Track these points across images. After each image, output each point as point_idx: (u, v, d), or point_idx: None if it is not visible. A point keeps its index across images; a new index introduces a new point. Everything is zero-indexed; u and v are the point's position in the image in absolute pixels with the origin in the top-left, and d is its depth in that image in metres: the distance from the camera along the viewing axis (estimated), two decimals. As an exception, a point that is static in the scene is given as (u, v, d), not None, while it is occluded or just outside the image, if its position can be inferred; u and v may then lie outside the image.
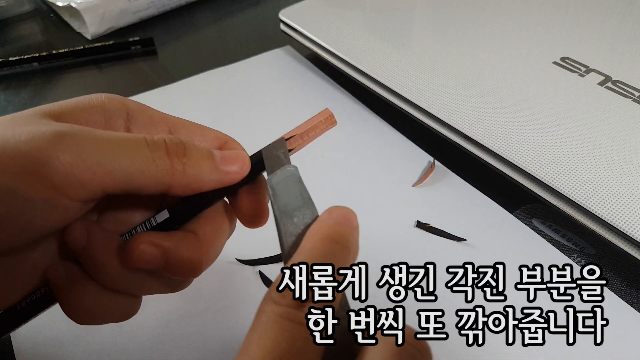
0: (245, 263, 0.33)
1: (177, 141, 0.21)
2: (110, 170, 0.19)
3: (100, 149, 0.19)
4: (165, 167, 0.20)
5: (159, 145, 0.20)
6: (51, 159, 0.18)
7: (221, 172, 0.22)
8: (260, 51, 0.54)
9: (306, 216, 0.20)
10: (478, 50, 0.44)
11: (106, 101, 0.23)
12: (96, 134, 0.19)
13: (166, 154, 0.20)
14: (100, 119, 0.22)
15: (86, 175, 0.18)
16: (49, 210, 0.18)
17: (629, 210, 0.30)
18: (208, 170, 0.21)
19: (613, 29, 0.46)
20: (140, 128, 0.23)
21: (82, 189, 0.18)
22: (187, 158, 0.21)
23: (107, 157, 0.19)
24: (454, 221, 0.36)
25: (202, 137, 0.24)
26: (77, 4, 0.57)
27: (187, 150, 0.21)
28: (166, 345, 0.29)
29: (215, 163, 0.22)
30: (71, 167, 0.18)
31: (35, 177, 0.18)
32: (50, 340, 0.29)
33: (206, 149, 0.22)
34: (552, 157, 0.34)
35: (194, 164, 0.21)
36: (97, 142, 0.19)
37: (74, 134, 0.19)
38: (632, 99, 0.38)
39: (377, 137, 0.43)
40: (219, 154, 0.22)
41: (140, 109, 0.23)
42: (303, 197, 0.21)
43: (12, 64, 0.54)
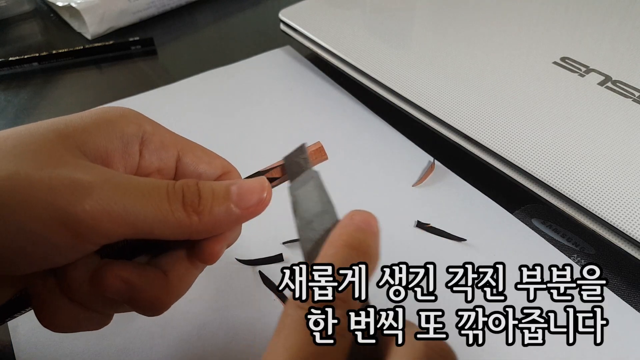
0: (245, 263, 0.33)
1: (192, 189, 0.21)
2: (134, 223, 0.19)
3: (125, 201, 0.19)
4: (182, 220, 0.20)
5: (177, 197, 0.20)
6: (78, 213, 0.18)
7: (240, 211, 0.21)
8: (260, 51, 0.54)
9: (325, 221, 0.20)
10: (478, 50, 0.44)
11: (124, 124, 0.23)
12: (121, 184, 0.20)
13: (182, 206, 0.20)
14: (119, 146, 0.22)
15: (110, 227, 0.19)
16: (68, 251, 0.19)
17: (629, 210, 0.30)
18: (225, 214, 0.21)
19: (613, 29, 0.46)
20: (152, 152, 0.24)
21: (104, 237, 0.19)
22: (202, 206, 0.21)
23: (130, 210, 0.19)
24: (454, 221, 0.36)
25: (207, 164, 0.25)
26: (77, 4, 0.57)
27: (202, 198, 0.21)
28: (166, 345, 0.29)
29: (230, 205, 0.21)
30: (97, 220, 0.19)
31: (62, 227, 0.18)
32: (50, 340, 0.29)
33: (222, 189, 0.21)
34: (552, 157, 0.34)
35: (210, 211, 0.21)
36: (122, 194, 0.19)
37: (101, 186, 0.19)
38: (632, 99, 0.38)
39: (377, 137, 0.43)
40: (236, 191, 0.21)
41: (153, 132, 0.24)
42: (323, 202, 0.21)
43: (12, 64, 0.54)
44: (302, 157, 0.23)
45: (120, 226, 0.19)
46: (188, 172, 0.25)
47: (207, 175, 0.25)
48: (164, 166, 0.24)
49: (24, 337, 0.29)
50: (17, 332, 0.29)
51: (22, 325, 0.30)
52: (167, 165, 0.24)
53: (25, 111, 0.49)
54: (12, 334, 0.29)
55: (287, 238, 0.35)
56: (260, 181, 0.22)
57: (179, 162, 0.24)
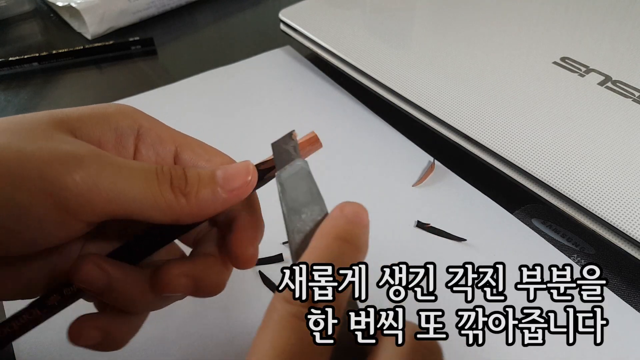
0: (245, 263, 0.33)
1: (179, 173, 0.21)
2: (123, 201, 0.19)
3: (115, 177, 0.19)
4: (170, 201, 0.20)
5: (166, 178, 0.20)
6: (68, 184, 0.18)
7: (226, 194, 0.21)
8: (260, 51, 0.54)
9: (314, 212, 0.20)
10: (478, 50, 0.44)
11: (119, 118, 0.23)
12: (112, 162, 0.20)
13: (170, 188, 0.20)
14: (112, 137, 0.22)
15: (99, 202, 0.19)
16: (57, 228, 0.19)
17: (629, 210, 0.30)
18: (211, 197, 0.21)
19: (613, 29, 0.46)
20: (149, 146, 0.24)
21: (93, 214, 0.19)
22: (189, 188, 0.21)
23: (120, 187, 0.19)
24: (454, 221, 0.36)
25: (206, 161, 0.25)
26: (77, 4, 0.57)
27: (188, 181, 0.21)
28: (166, 345, 0.29)
29: (216, 188, 0.21)
30: (86, 193, 0.18)
31: (50, 200, 0.18)
32: (50, 340, 0.29)
33: (208, 173, 0.22)
34: (552, 157, 0.34)
35: (196, 193, 0.21)
36: (113, 171, 0.19)
37: (92, 160, 0.19)
38: (632, 99, 0.38)
39: (377, 137, 0.43)
40: (222, 174, 0.22)
41: (150, 127, 0.24)
42: (312, 192, 0.21)
43: (12, 64, 0.54)
44: (291, 144, 0.23)
45: (109, 203, 0.19)
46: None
47: None
48: (160, 160, 0.24)
49: (24, 337, 0.29)
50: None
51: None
52: (165, 160, 0.24)
53: (25, 111, 0.49)
54: (12, 334, 0.29)
55: (287, 238, 0.34)
56: (245, 164, 0.22)
57: (177, 158, 0.24)
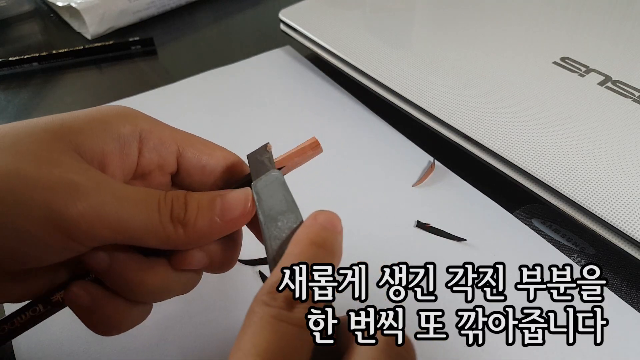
0: (245, 263, 0.33)
1: (180, 201, 0.21)
2: (125, 229, 0.20)
3: (118, 208, 0.20)
4: (169, 231, 0.21)
5: (167, 209, 0.21)
6: (72, 214, 0.19)
7: (223, 222, 0.22)
8: (260, 51, 0.54)
9: (290, 220, 0.21)
10: (478, 50, 0.44)
11: (120, 125, 0.23)
12: (115, 190, 0.20)
13: (170, 218, 0.21)
14: (115, 147, 0.22)
15: (102, 230, 0.19)
16: (60, 251, 0.20)
17: (629, 210, 0.30)
18: (208, 227, 0.21)
19: (613, 29, 0.46)
20: (151, 149, 0.24)
21: (95, 240, 0.20)
22: (187, 218, 0.21)
23: (122, 217, 0.20)
24: (454, 221, 0.36)
25: (209, 156, 0.25)
26: (77, 4, 0.57)
27: (187, 210, 0.21)
28: (166, 345, 0.29)
29: (214, 217, 0.22)
30: (89, 223, 0.19)
31: (55, 228, 0.19)
32: (50, 340, 0.29)
33: (207, 200, 0.22)
34: (552, 157, 0.34)
35: (194, 224, 0.21)
36: (116, 200, 0.20)
37: (96, 190, 0.19)
38: (632, 99, 0.38)
39: (377, 137, 0.43)
40: (220, 203, 0.22)
41: (151, 130, 0.24)
42: (287, 201, 0.22)
43: (12, 64, 0.54)
44: (266, 156, 0.24)
45: (110, 231, 0.19)
46: (191, 166, 0.25)
47: (210, 167, 0.25)
48: (164, 162, 0.24)
49: (24, 337, 0.29)
50: (17, 332, 0.29)
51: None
52: (168, 161, 0.24)
53: (25, 111, 0.49)
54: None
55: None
56: (245, 192, 0.22)
57: (180, 156, 0.24)
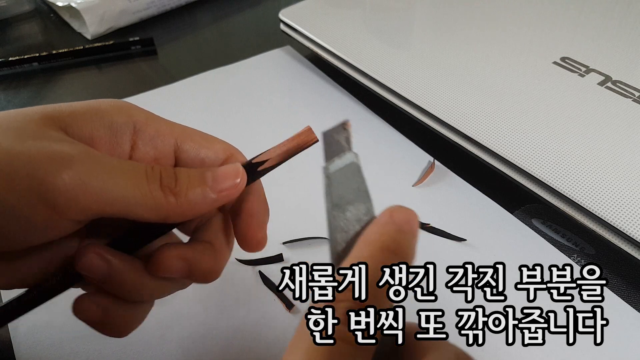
0: (245, 263, 0.33)
1: (169, 172, 0.21)
2: (112, 200, 0.19)
3: (104, 177, 0.19)
4: (159, 200, 0.20)
5: (155, 178, 0.21)
6: (57, 184, 0.18)
7: (215, 194, 0.21)
8: (260, 51, 0.54)
9: (360, 211, 0.19)
10: (478, 50, 0.44)
11: (114, 114, 0.22)
12: (101, 161, 0.20)
13: (160, 187, 0.20)
14: (106, 134, 0.22)
15: (88, 202, 0.19)
16: (45, 227, 0.19)
17: (629, 210, 0.30)
18: (201, 197, 0.21)
19: (613, 29, 0.46)
20: (147, 141, 0.23)
21: (81, 212, 0.19)
22: (178, 187, 0.21)
23: (109, 187, 0.19)
24: (454, 221, 0.36)
25: (208, 149, 0.24)
26: (77, 4, 0.57)
27: (178, 180, 0.21)
28: (166, 345, 0.29)
29: (206, 188, 0.21)
30: (75, 193, 0.18)
31: (38, 200, 0.18)
32: (50, 339, 0.29)
33: (198, 173, 0.22)
34: (552, 157, 0.34)
35: (186, 193, 0.21)
36: (101, 170, 0.19)
37: (81, 159, 0.19)
38: (632, 99, 0.38)
39: (377, 137, 0.43)
40: (212, 175, 0.22)
41: (147, 122, 0.23)
42: (360, 189, 0.19)
43: (12, 64, 0.54)
44: (343, 135, 0.21)
45: (97, 202, 0.19)
46: (190, 159, 0.24)
47: (210, 160, 0.25)
48: (160, 155, 0.24)
49: (24, 337, 0.29)
50: (17, 331, 0.29)
51: (22, 324, 0.30)
52: (164, 154, 0.24)
53: (25, 111, 0.49)
54: (12, 334, 0.29)
55: (287, 238, 0.35)
56: (235, 167, 0.22)
57: (179, 150, 0.24)
